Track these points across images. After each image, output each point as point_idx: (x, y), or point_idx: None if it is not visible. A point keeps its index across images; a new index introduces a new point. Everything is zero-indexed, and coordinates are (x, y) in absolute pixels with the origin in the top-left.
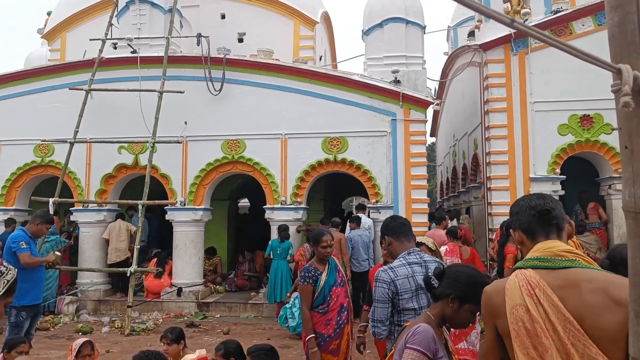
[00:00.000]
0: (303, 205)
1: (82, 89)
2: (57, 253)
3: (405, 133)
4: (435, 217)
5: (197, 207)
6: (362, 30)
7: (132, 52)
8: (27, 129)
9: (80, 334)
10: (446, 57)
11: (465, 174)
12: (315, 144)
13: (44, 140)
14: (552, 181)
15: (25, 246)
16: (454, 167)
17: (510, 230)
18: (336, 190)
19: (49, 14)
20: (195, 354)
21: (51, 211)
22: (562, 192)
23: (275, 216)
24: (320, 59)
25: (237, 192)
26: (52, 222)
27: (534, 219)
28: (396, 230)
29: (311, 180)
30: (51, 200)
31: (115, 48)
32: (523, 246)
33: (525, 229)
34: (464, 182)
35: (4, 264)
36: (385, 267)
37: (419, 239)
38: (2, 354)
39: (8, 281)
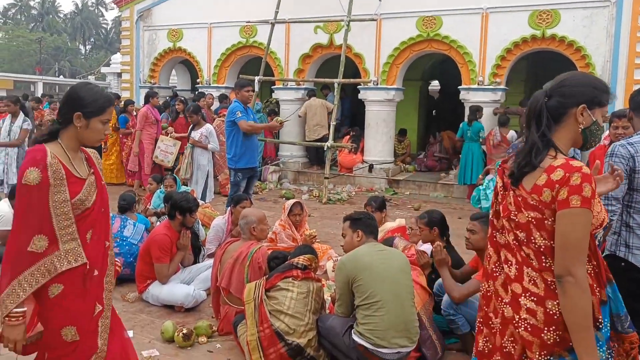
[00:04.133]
0: (502, 87)
1: None
2: (279, 119)
3: (635, 2)
4: None
5: (389, 86)
6: None
7: None
8: (234, 11)
9: (284, 199)
10: None
11: None
12: (520, 19)
13: (249, 22)
14: None
15: (240, 114)
16: None
17: None
18: (538, 71)
19: None
20: (395, 222)
21: (256, 89)
22: None
23: (471, 97)
24: None
25: (429, 73)
26: (244, 86)
27: None
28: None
29: (513, 60)
30: (256, 78)
31: None
32: None
33: None
34: None
35: None
36: (622, 141)
37: None
38: (229, 208)
39: None
